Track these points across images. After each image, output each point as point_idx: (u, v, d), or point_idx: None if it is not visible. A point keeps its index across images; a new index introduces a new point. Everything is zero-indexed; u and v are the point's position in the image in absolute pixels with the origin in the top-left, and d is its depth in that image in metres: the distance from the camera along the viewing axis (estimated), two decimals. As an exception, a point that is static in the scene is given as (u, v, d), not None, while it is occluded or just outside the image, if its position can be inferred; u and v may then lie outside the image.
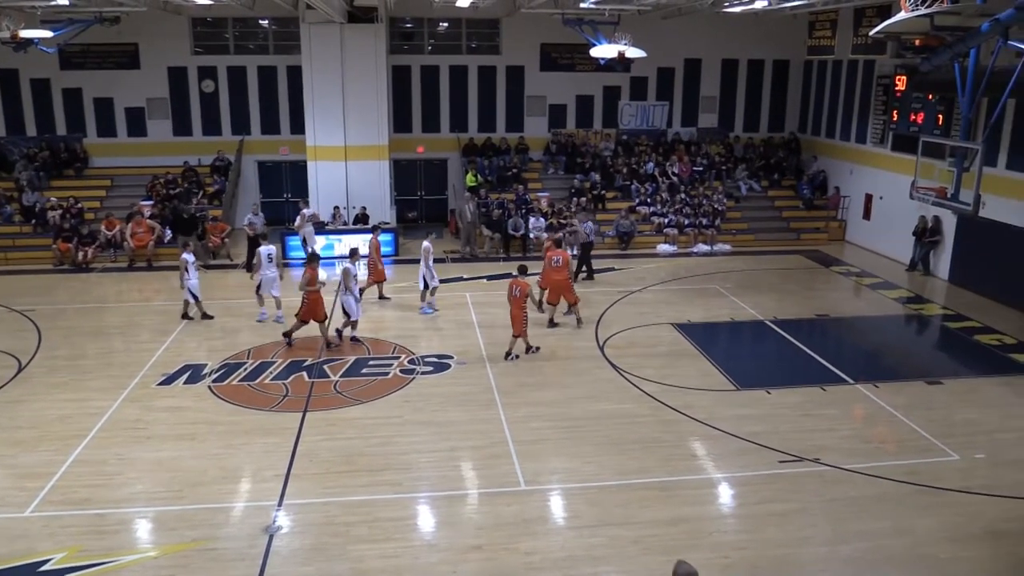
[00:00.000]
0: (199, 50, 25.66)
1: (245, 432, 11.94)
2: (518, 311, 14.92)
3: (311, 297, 15.31)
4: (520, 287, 14.85)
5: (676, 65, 27.07)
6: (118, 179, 25.34)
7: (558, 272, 16.47)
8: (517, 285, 14.87)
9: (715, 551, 9.04)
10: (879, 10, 21.37)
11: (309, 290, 15.21)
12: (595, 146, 27.17)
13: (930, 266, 21.08)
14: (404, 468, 10.93)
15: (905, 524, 9.62)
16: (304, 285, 15.28)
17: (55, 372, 14.31)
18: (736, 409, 12.80)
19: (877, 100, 23.21)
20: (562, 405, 12.93)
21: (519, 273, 15.31)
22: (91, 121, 25.54)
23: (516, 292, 14.86)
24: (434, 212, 27.45)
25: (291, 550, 9.07)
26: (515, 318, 15.03)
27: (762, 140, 27.89)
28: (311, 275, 15.32)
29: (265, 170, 26.68)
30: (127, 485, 10.43)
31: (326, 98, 23.10)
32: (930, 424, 12.24)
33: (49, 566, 8.71)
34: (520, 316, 14.93)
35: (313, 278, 15.30)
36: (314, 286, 15.25)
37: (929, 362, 15.76)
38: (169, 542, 9.23)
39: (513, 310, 14.98)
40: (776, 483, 10.55)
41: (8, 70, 24.47)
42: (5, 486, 10.41)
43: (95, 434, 11.81)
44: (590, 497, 10.20)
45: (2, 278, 20.54)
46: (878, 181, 23.28)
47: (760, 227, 24.99)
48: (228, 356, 15.00)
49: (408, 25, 26.46)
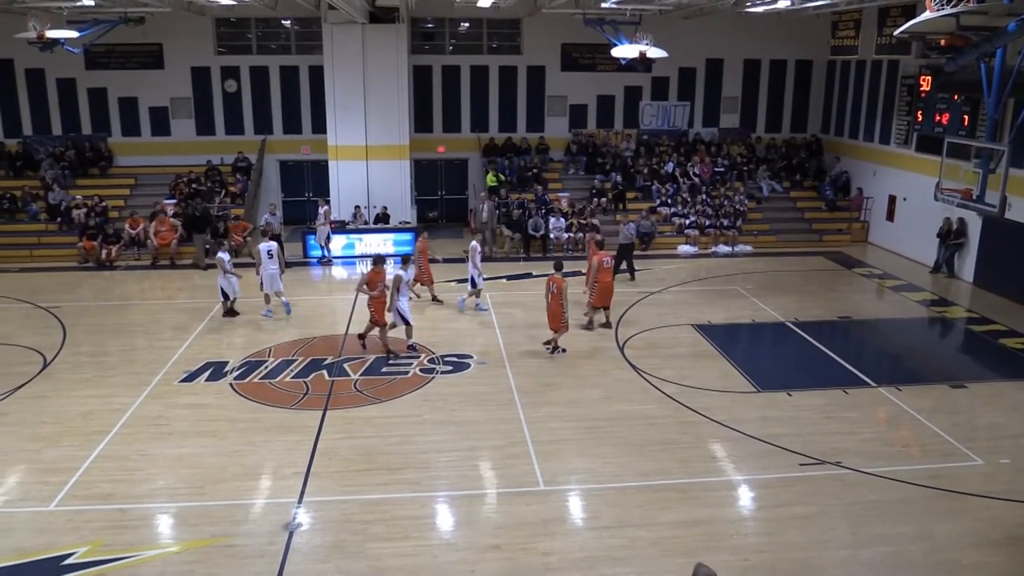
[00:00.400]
0: (222, 50, 25.86)
1: (266, 429, 12.02)
2: (557, 306, 14.90)
3: (376, 302, 14.90)
4: (556, 283, 14.82)
5: (698, 65, 26.95)
6: (142, 178, 25.59)
7: (607, 274, 16.42)
8: (554, 282, 14.86)
9: (735, 553, 8.99)
10: (903, 10, 21.18)
11: (373, 294, 14.78)
12: (616, 146, 27.11)
13: (955, 268, 20.84)
14: (423, 467, 10.96)
15: (926, 529, 9.52)
16: (362, 286, 14.97)
17: (79, 368, 14.48)
18: (757, 411, 12.72)
19: (901, 100, 23.00)
20: (582, 405, 12.91)
21: (556, 270, 15.26)
22: (116, 120, 25.80)
23: (553, 288, 14.87)
24: (454, 212, 27.50)
25: (310, 547, 9.12)
26: (554, 313, 15.00)
27: (784, 141, 27.72)
28: (373, 278, 14.89)
29: (287, 169, 26.84)
30: (149, 481, 10.53)
31: (348, 98, 23.22)
32: (954, 428, 12.10)
33: (72, 560, 8.81)
34: (560, 312, 14.88)
35: (375, 282, 14.87)
36: (376, 289, 14.85)
37: (953, 365, 15.57)
38: (190, 538, 9.31)
39: (553, 306, 14.95)
40: (797, 486, 10.48)
41: (35, 70, 24.79)
42: (30, 480, 10.55)
43: (118, 430, 11.94)
44: (609, 498, 10.18)
45: (28, 275, 20.81)
46: (902, 182, 23.06)
47: (782, 228, 24.83)
48: (249, 354, 15.10)
49: (429, 25, 26.52)
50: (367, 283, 14.89)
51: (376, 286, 14.87)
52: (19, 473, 10.75)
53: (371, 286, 14.87)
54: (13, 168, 24.94)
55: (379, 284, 14.91)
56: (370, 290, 14.87)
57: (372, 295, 14.87)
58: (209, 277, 19.96)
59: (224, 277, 16.80)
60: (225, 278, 16.82)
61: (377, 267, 15.09)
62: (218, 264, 16.81)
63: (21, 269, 21.38)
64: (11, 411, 12.62)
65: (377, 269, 15.04)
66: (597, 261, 16.36)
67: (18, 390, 13.40)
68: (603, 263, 16.32)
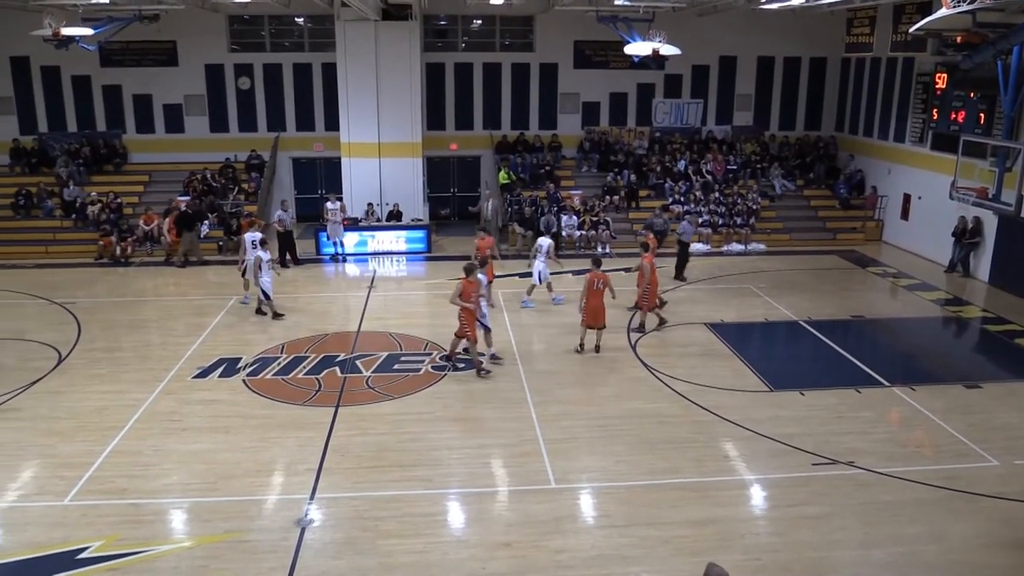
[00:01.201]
0: (236, 47, 25.95)
1: (278, 426, 12.07)
2: (598, 303, 14.84)
3: (467, 314, 13.77)
4: (602, 279, 14.75)
5: (711, 62, 26.85)
6: (156, 175, 25.72)
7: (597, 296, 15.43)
8: (599, 278, 14.79)
9: (747, 553, 8.96)
10: (919, 7, 21.04)
11: (468, 306, 13.86)
12: (629, 144, 27.05)
13: (970, 268, 20.69)
14: (434, 464, 10.98)
15: (940, 529, 9.47)
16: (456, 298, 13.79)
17: (94, 364, 14.58)
18: (769, 410, 12.67)
19: (917, 98, 22.84)
20: (593, 404, 12.90)
21: (595, 266, 15.15)
22: (130, 117, 25.94)
23: (599, 285, 14.78)
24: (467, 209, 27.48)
25: (322, 543, 9.16)
26: (596, 310, 14.90)
27: (798, 138, 27.58)
28: (467, 288, 13.75)
29: (299, 167, 26.92)
30: (163, 476, 10.59)
31: (360, 95, 23.26)
32: (968, 428, 12.03)
33: (87, 554, 8.88)
34: (601, 308, 14.73)
35: (469, 292, 13.74)
36: (470, 300, 13.70)
37: (968, 365, 15.46)
38: (203, 533, 9.37)
39: (593, 302, 14.87)
40: (809, 486, 10.44)
41: (50, 67, 24.95)
42: (45, 475, 10.63)
43: (132, 425, 12.02)
44: (621, 496, 10.17)
45: (43, 271, 20.97)
46: (917, 181, 22.91)
47: (795, 227, 24.71)
48: (262, 350, 15.16)
49: (442, 22, 26.53)
50: (460, 294, 13.73)
51: (470, 297, 13.73)
52: (34, 468, 10.84)
53: (465, 297, 13.70)
54: (29, 165, 25.13)
55: (473, 295, 13.81)
56: (464, 301, 13.69)
57: (468, 307, 13.71)
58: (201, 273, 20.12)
59: (262, 276, 16.58)
60: (263, 277, 16.60)
61: (470, 276, 13.94)
62: (255, 263, 16.63)
63: (36, 265, 21.55)
64: (26, 406, 12.72)
65: (471, 279, 13.92)
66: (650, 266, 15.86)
67: (33, 385, 13.50)
68: (654, 266, 15.92)
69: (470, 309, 13.74)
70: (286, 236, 21.41)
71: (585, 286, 15.00)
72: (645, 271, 15.92)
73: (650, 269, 15.86)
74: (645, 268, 15.91)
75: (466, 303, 13.71)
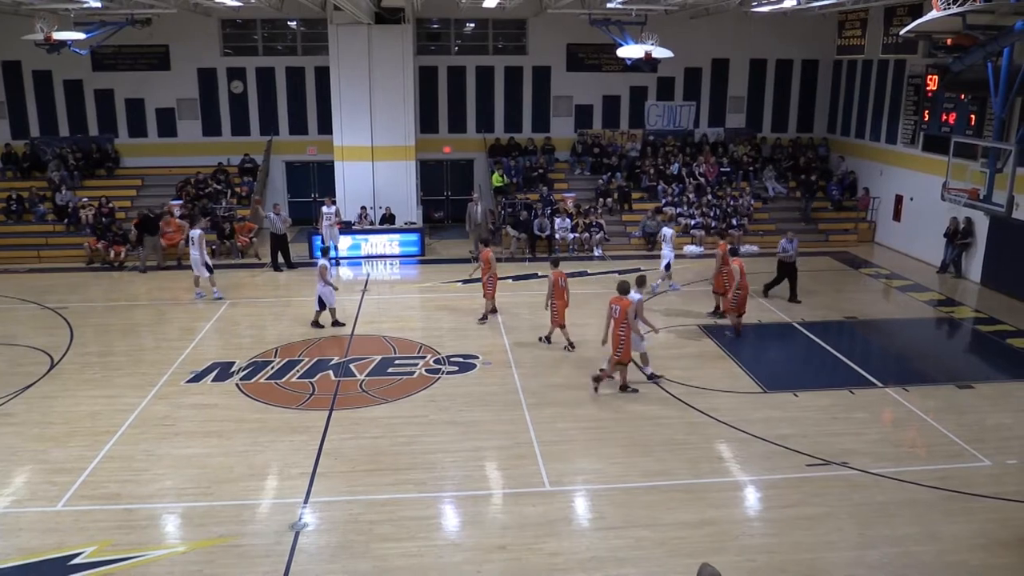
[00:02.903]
0: (228, 51, 25.92)
1: (272, 430, 12.04)
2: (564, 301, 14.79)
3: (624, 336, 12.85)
4: (564, 278, 14.64)
5: (703, 65, 26.92)
6: (148, 179, 25.66)
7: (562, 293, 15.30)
8: (561, 277, 14.69)
9: (741, 554, 8.97)
10: (910, 9, 21.14)
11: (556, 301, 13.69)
12: (622, 146, 27.10)
13: (962, 268, 20.77)
14: (429, 467, 10.96)
15: (934, 530, 9.49)
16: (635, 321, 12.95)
17: (86, 369, 14.53)
18: (763, 412, 12.69)
19: (908, 100, 22.94)
20: (587, 406, 12.90)
21: (554, 266, 15.03)
22: (122, 121, 25.89)
23: (563, 283, 14.68)
24: (460, 212, 27.35)
25: (316, 547, 9.13)
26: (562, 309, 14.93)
27: (790, 140, 27.66)
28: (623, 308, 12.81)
29: (293, 170, 26.90)
30: (156, 481, 10.55)
31: (353, 99, 23.25)
32: (961, 429, 12.06)
33: (80, 559, 8.84)
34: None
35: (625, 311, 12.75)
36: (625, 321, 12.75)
37: (960, 366, 15.52)
38: (197, 538, 9.33)
39: (560, 300, 14.89)
40: (803, 487, 10.45)
41: (42, 71, 24.89)
42: (37, 480, 10.58)
43: (125, 430, 11.97)
44: (615, 498, 10.17)
45: (35, 276, 20.90)
46: (909, 182, 23.00)
47: (788, 228, 24.54)
48: (256, 354, 15.13)
49: (435, 26, 26.55)
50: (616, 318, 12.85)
51: (624, 319, 12.74)
52: (26, 473, 10.79)
53: (618, 323, 12.79)
54: (21, 169, 25.05)
55: (627, 315, 12.76)
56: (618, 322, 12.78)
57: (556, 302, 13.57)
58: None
59: (323, 285, 16.28)
60: (324, 286, 16.30)
61: (624, 296, 12.95)
62: (320, 272, 16.30)
63: (29, 270, 21.47)
64: (19, 411, 12.67)
65: (626, 299, 12.89)
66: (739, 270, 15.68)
67: (26, 390, 13.45)
68: (559, 282, 15.12)
69: (632, 329, 12.88)
70: (279, 239, 21.38)
71: (550, 285, 15.16)
72: (735, 274, 15.89)
73: (740, 272, 15.82)
74: (735, 271, 15.87)
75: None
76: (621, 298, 12.91)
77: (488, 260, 16.68)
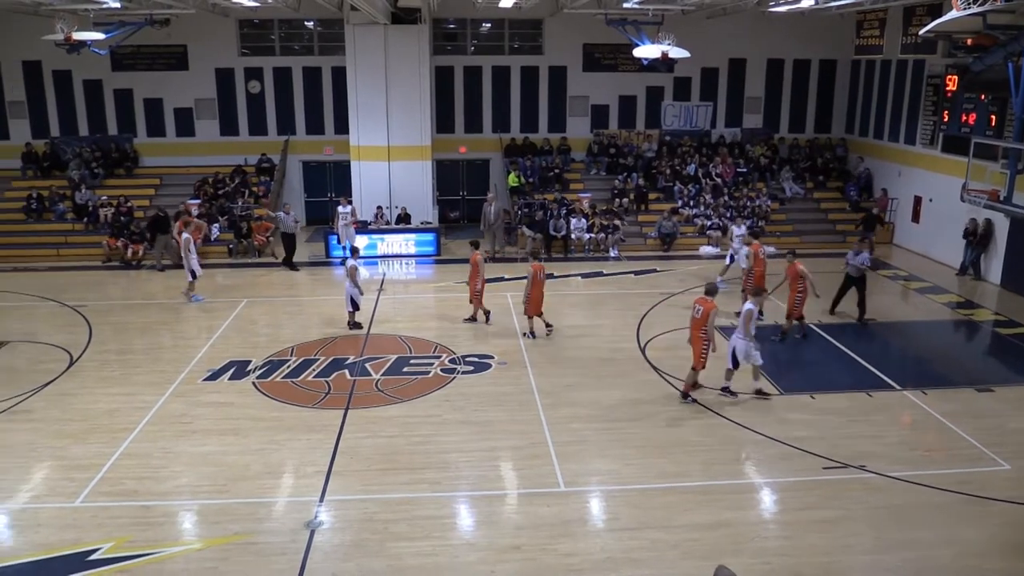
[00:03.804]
0: (246, 51, 26.05)
1: (288, 428, 12.09)
2: (541, 293, 14.90)
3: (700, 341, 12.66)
4: (543, 271, 14.66)
5: (720, 65, 26.81)
6: (167, 178, 25.84)
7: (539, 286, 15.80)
8: (540, 270, 14.70)
9: (756, 557, 8.93)
10: (929, 9, 20.95)
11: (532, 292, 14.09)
12: (638, 147, 27.04)
13: (981, 270, 20.58)
14: (443, 467, 10.98)
15: (952, 534, 9.41)
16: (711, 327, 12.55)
17: (105, 366, 14.65)
18: (780, 414, 12.63)
19: (927, 101, 22.76)
20: (602, 406, 12.87)
21: (533, 258, 15.02)
22: (141, 121, 26.08)
23: (541, 276, 14.73)
24: (476, 212, 27.41)
25: (331, 546, 9.17)
26: (539, 300, 15.08)
27: (807, 141, 27.51)
28: (707, 308, 12.55)
29: (309, 170, 27.00)
30: (172, 478, 10.63)
31: (370, 99, 23.32)
32: (980, 432, 11.95)
33: (97, 555, 8.91)
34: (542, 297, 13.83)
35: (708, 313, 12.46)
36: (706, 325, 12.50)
37: (980, 369, 15.37)
38: (212, 535, 9.39)
39: (536, 292, 15.04)
40: (820, 489, 10.39)
41: (62, 71, 25.10)
42: (56, 477, 10.68)
43: (142, 428, 12.06)
44: (630, 500, 10.15)
45: (55, 274, 21.09)
46: (928, 183, 22.81)
47: (805, 229, 24.63)
48: (272, 353, 15.20)
49: (451, 26, 26.58)
50: (697, 318, 12.69)
51: (705, 321, 12.51)
52: (45, 469, 10.89)
53: (698, 325, 12.61)
54: (41, 168, 25.28)
55: (709, 317, 12.51)
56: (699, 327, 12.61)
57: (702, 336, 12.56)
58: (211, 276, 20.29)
59: (352, 286, 16.24)
60: (353, 287, 16.26)
61: (710, 297, 12.77)
62: (350, 272, 16.31)
63: (48, 268, 21.67)
64: (38, 408, 12.78)
65: (710, 301, 12.68)
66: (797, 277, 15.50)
67: (45, 387, 13.57)
68: (538, 275, 15.54)
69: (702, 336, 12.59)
70: (288, 238, 21.52)
71: (530, 278, 15.41)
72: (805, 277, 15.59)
73: (796, 277, 15.60)
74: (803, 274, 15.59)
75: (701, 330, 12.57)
76: (706, 299, 12.72)
77: (474, 263, 16.57)
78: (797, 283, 15.70)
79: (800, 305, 15.84)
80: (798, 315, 15.96)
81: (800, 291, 15.69)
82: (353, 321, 16.63)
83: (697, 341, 12.75)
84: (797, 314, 15.94)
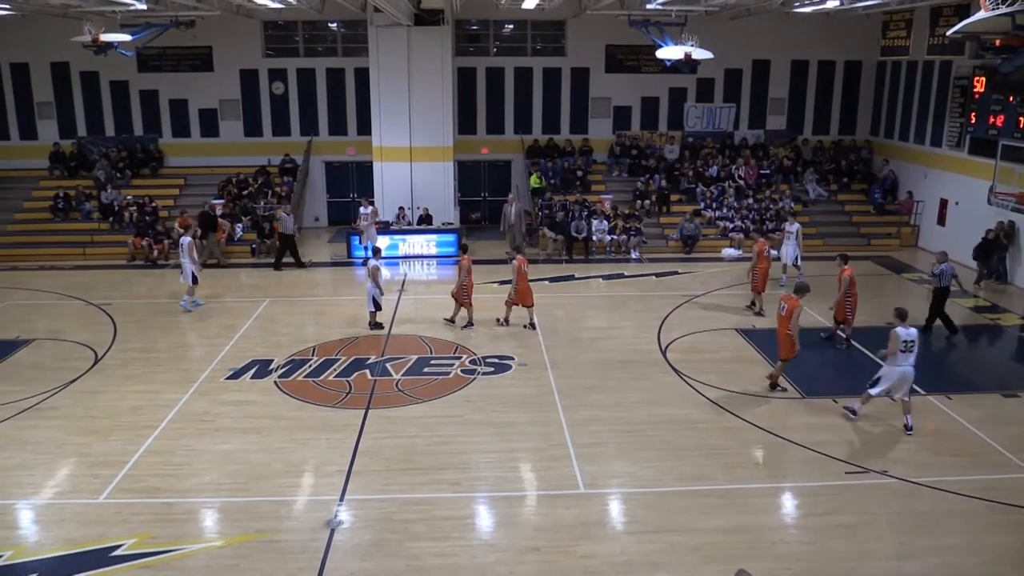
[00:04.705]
0: (270, 53, 26.25)
1: (309, 427, 12.16)
2: (527, 285, 15.29)
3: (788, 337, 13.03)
4: (527, 263, 14.92)
5: (744, 66, 26.66)
6: (191, 178, 26.08)
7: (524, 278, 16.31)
8: (525, 263, 14.94)
9: (777, 562, 8.86)
10: (956, 9, 20.71)
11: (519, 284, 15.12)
12: (660, 148, 26.94)
13: (1007, 274, 20.30)
14: (463, 468, 10.99)
15: (976, 542, 9.29)
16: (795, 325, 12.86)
17: (129, 364, 14.80)
18: (801, 417, 12.54)
19: (954, 102, 22.48)
20: (623, 409, 12.83)
21: (518, 252, 15.35)
22: (166, 122, 26.35)
23: (525, 268, 15.20)
24: (497, 213, 27.45)
25: (351, 545, 9.21)
26: (526, 292, 15.60)
27: (832, 143, 27.28)
28: (791, 305, 12.92)
29: (332, 171, 27.14)
30: (195, 476, 10.72)
31: (392, 100, 23.41)
32: (1006, 439, 11.78)
33: (120, 551, 9.01)
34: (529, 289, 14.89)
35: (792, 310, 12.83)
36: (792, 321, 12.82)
37: (1006, 374, 15.16)
38: (234, 533, 9.46)
39: (523, 285, 15.51)
40: (842, 494, 10.30)
41: (89, 72, 25.41)
42: (80, 473, 10.80)
43: (165, 425, 12.18)
44: (650, 502, 10.11)
45: (81, 272, 21.35)
46: (954, 186, 22.54)
47: (829, 232, 24.41)
48: (294, 352, 15.28)
49: (474, 27, 26.63)
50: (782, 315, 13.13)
51: (790, 318, 12.89)
52: (70, 466, 11.03)
53: (784, 322, 13.04)
54: (68, 168, 25.60)
55: (793, 315, 12.89)
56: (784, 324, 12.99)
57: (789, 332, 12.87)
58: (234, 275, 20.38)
59: (373, 286, 16.29)
60: (375, 288, 16.31)
61: (800, 294, 13.19)
62: (372, 273, 16.31)
63: (74, 267, 21.94)
64: (63, 405, 12.95)
65: (794, 298, 13.05)
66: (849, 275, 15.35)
67: (70, 385, 13.74)
68: (521, 267, 16.08)
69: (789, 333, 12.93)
70: (286, 239, 21.61)
71: (516, 271, 15.90)
72: (844, 283, 15.48)
73: (849, 282, 15.43)
74: (844, 280, 15.46)
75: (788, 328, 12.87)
76: (791, 296, 13.08)
77: (463, 267, 16.44)
78: (850, 287, 15.47)
79: (852, 311, 15.59)
80: (848, 321, 15.71)
81: (851, 296, 15.45)
82: (374, 321, 16.67)
83: (784, 338, 13.07)
84: (849, 320, 15.69)
